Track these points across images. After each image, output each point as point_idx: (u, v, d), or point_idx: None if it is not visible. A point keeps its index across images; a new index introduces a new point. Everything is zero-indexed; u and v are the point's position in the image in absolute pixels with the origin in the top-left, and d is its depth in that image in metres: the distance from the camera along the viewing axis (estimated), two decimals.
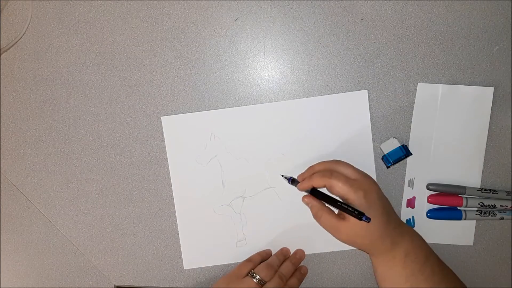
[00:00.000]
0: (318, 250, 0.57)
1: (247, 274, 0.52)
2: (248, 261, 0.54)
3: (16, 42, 0.57)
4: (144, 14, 0.56)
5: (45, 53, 0.57)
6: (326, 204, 0.51)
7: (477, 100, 0.55)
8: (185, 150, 0.57)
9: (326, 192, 0.51)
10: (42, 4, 0.57)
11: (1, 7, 0.57)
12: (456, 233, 0.56)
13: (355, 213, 0.46)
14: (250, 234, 0.57)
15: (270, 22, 0.56)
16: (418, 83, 0.55)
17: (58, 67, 0.57)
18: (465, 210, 0.55)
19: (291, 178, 0.54)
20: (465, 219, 0.54)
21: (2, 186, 0.58)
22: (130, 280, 0.58)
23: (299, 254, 0.56)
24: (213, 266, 0.57)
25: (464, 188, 0.54)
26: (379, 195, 0.49)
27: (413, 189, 0.56)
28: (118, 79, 0.57)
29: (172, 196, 0.57)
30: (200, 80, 0.56)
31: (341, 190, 0.48)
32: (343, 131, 0.56)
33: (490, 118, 0.55)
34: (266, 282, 0.51)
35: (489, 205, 0.54)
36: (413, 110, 0.55)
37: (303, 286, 0.57)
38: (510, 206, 0.55)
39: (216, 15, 0.56)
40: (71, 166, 0.58)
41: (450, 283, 0.49)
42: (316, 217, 0.52)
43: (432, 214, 0.55)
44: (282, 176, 0.56)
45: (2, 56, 0.57)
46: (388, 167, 0.55)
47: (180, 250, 0.57)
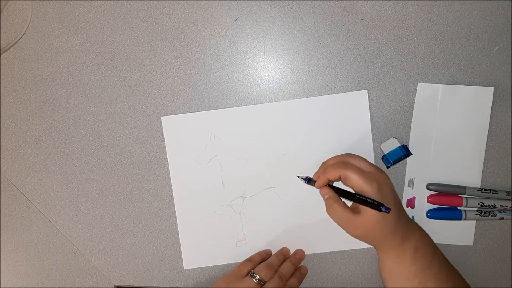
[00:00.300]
0: (318, 250, 0.57)
1: (247, 274, 0.52)
2: (248, 261, 0.54)
3: (16, 42, 0.57)
4: (144, 14, 0.56)
5: (45, 53, 0.57)
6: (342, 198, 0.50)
7: (477, 100, 0.55)
8: (185, 150, 0.57)
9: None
10: (42, 4, 0.57)
11: (1, 7, 0.57)
12: (456, 233, 0.56)
13: (375, 203, 0.46)
14: (250, 234, 0.57)
15: (270, 22, 0.56)
16: (418, 83, 0.55)
17: (58, 67, 0.57)
18: (465, 210, 0.55)
19: (307, 178, 0.54)
20: (465, 219, 0.54)
21: (2, 186, 0.58)
22: (130, 280, 0.58)
23: (299, 254, 0.56)
24: (213, 266, 0.57)
25: (464, 188, 0.54)
26: (392, 189, 0.49)
27: (413, 189, 0.56)
28: (118, 79, 0.57)
29: (172, 196, 0.57)
30: (200, 80, 0.56)
31: (355, 181, 0.48)
32: (343, 131, 0.56)
33: (490, 118, 0.55)
34: (266, 282, 0.51)
35: (489, 205, 0.54)
36: (413, 110, 0.55)
37: (303, 286, 0.57)
38: (510, 206, 0.55)
39: (216, 15, 0.56)
40: (71, 166, 0.58)
41: (456, 280, 0.49)
42: (330, 209, 0.50)
43: (432, 214, 0.55)
44: (298, 177, 0.55)
45: (2, 56, 0.57)
46: (388, 167, 0.55)
47: (180, 250, 0.57)
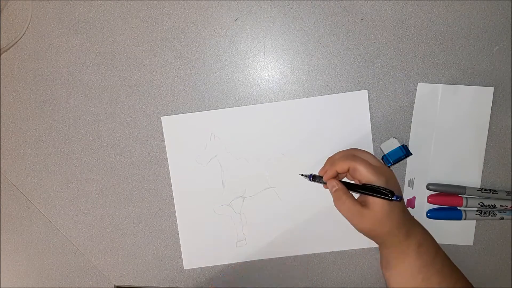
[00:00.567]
0: (318, 250, 0.57)
1: None
2: None
3: (16, 42, 0.57)
4: (144, 14, 0.56)
5: (45, 53, 0.57)
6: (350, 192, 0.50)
7: (477, 100, 0.55)
8: (185, 150, 0.57)
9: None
10: (42, 4, 0.57)
11: (1, 7, 0.57)
12: (456, 233, 0.56)
13: (386, 191, 0.46)
14: (250, 234, 0.57)
15: (270, 22, 0.56)
16: (418, 83, 0.55)
17: (58, 67, 0.57)
18: (465, 210, 0.55)
19: (312, 174, 0.53)
20: (465, 219, 0.54)
21: (2, 186, 0.58)
22: (130, 280, 0.58)
23: None
24: (213, 266, 0.57)
25: (464, 188, 0.54)
26: (398, 185, 0.50)
27: (413, 189, 0.56)
28: (118, 79, 0.57)
29: (172, 196, 0.57)
30: (200, 80, 0.56)
31: (364, 173, 0.48)
32: (343, 131, 0.56)
33: (490, 118, 0.55)
34: None
35: (489, 205, 0.54)
36: (413, 110, 0.55)
37: (303, 286, 0.57)
38: (510, 206, 0.55)
39: (216, 15, 0.56)
40: (71, 166, 0.58)
41: (459, 277, 0.50)
42: (339, 201, 0.49)
43: (432, 214, 0.55)
44: (302, 175, 0.55)
45: (2, 56, 0.57)
46: (388, 167, 0.55)
47: (180, 250, 0.57)
